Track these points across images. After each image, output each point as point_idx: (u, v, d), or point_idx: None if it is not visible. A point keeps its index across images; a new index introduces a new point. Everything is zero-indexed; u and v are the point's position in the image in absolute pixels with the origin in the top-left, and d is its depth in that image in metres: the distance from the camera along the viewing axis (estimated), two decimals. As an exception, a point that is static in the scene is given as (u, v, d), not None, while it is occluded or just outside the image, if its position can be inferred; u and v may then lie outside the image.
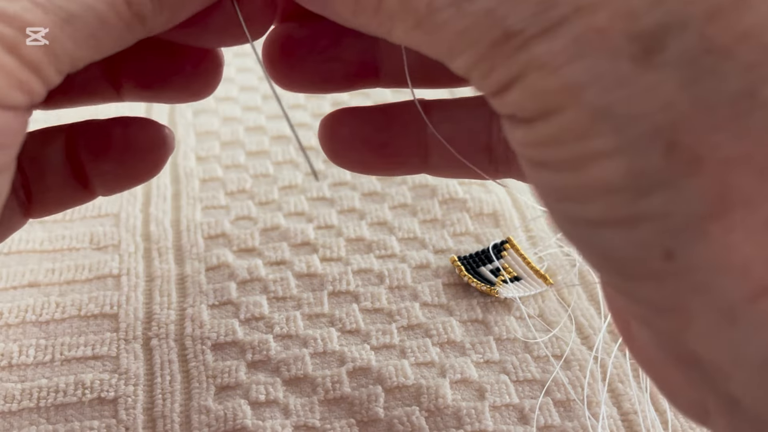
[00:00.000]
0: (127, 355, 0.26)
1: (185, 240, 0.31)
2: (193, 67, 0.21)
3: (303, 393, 0.25)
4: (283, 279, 0.29)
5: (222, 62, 0.21)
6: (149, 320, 0.28)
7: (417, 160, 0.22)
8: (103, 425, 0.24)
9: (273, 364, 0.26)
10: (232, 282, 0.29)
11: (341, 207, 0.33)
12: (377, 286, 0.29)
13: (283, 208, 0.33)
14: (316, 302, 0.29)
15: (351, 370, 0.26)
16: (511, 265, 0.30)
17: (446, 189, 0.34)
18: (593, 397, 0.25)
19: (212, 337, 0.27)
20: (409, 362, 0.26)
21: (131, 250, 0.31)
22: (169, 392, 0.25)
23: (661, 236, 0.13)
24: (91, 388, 0.25)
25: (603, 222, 0.14)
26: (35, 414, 0.24)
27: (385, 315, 0.28)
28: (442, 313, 0.28)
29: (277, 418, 0.24)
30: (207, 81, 0.21)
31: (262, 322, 0.28)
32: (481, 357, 0.26)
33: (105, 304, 0.28)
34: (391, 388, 0.25)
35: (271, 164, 0.35)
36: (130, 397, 0.25)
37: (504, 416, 0.25)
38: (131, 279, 0.29)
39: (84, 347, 0.26)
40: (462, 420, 0.24)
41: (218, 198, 0.33)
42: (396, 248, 0.31)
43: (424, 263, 0.30)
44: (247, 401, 0.25)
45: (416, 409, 0.24)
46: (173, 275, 0.30)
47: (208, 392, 0.25)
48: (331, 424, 0.24)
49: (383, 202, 0.33)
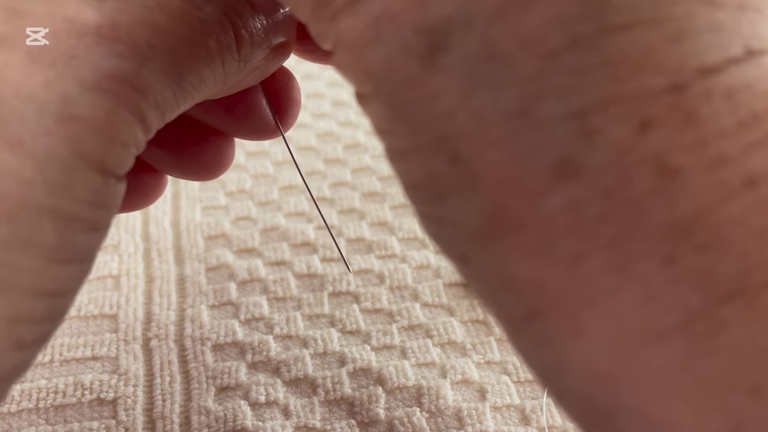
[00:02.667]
0: (127, 355, 0.26)
1: (185, 240, 0.31)
2: (204, 145, 0.21)
3: (303, 394, 0.25)
4: (283, 279, 0.29)
5: (232, 151, 0.22)
6: (149, 321, 0.28)
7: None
8: (103, 426, 0.24)
9: (273, 364, 0.26)
10: (232, 282, 0.29)
11: (341, 207, 0.33)
12: (378, 286, 0.29)
13: (283, 208, 0.33)
14: (316, 303, 0.28)
15: (351, 371, 0.26)
16: None
17: (447, 189, 0.34)
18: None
19: (212, 338, 0.27)
20: (410, 363, 0.26)
21: (131, 251, 0.30)
22: (168, 393, 0.25)
23: (457, 240, 0.13)
24: (90, 389, 0.25)
25: (420, 215, 0.14)
26: (34, 415, 0.24)
27: (386, 315, 0.28)
28: (443, 313, 0.28)
29: (277, 419, 0.24)
30: (215, 162, 0.22)
31: (262, 323, 0.28)
32: (482, 357, 0.26)
33: (104, 305, 0.28)
34: (392, 389, 0.25)
35: (271, 164, 0.35)
36: (130, 397, 0.25)
37: (505, 417, 0.24)
38: (131, 279, 0.29)
39: (83, 348, 0.26)
40: (463, 421, 0.24)
41: (218, 198, 0.33)
42: (396, 248, 0.31)
43: (425, 263, 0.30)
44: (247, 402, 0.25)
45: (417, 409, 0.24)
46: (173, 276, 0.29)
47: (208, 393, 0.25)
48: (331, 425, 0.24)
49: (383, 202, 0.33)
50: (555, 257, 0.12)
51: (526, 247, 0.12)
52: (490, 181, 0.12)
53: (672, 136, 0.11)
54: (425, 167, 0.13)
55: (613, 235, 0.11)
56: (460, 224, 0.12)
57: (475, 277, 0.13)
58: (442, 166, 0.12)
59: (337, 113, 0.39)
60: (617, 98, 0.11)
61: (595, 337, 0.12)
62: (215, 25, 0.16)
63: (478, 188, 0.12)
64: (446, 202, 0.13)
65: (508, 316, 0.13)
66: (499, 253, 0.12)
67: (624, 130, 0.11)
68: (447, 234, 0.13)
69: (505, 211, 0.12)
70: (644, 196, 0.11)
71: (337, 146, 0.36)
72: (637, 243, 0.11)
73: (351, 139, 0.37)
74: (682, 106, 0.11)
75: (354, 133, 0.37)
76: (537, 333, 0.12)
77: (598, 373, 0.12)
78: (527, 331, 0.13)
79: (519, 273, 0.12)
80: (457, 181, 0.12)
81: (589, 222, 0.11)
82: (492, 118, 0.11)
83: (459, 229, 0.13)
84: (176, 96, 0.16)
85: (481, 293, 0.14)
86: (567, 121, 0.11)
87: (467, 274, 0.14)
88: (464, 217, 0.12)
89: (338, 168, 0.35)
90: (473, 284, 0.14)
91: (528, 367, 0.14)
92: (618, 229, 0.11)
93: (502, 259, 0.12)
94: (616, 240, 0.11)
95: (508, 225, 0.12)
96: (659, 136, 0.11)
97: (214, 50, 0.16)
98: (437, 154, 0.12)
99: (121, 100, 0.14)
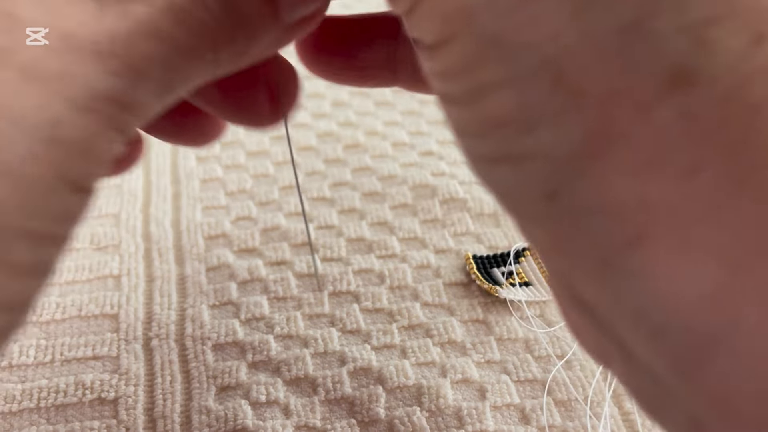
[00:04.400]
0: (128, 355, 0.26)
1: (185, 240, 0.31)
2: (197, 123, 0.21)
3: (304, 393, 0.25)
4: (283, 279, 0.29)
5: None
6: (149, 320, 0.28)
7: (387, 74, 0.22)
8: (104, 425, 0.24)
9: (274, 364, 0.26)
10: (233, 282, 0.29)
11: (341, 207, 0.33)
12: (378, 286, 0.29)
13: (283, 208, 0.33)
14: (316, 302, 0.28)
15: (352, 371, 0.26)
16: (525, 271, 0.30)
17: (447, 189, 0.34)
18: (595, 396, 0.25)
19: (213, 338, 0.27)
20: (410, 362, 0.26)
21: (131, 251, 0.31)
22: (169, 392, 0.25)
23: (544, 175, 0.13)
24: (91, 389, 0.25)
25: (496, 159, 0.13)
26: (35, 414, 0.24)
27: (386, 315, 0.28)
28: (443, 313, 0.28)
29: (277, 418, 0.24)
30: (208, 133, 0.22)
31: (262, 323, 0.28)
32: (482, 357, 0.26)
33: (105, 305, 0.28)
34: (392, 389, 0.25)
35: (271, 164, 0.35)
36: (131, 397, 0.25)
37: (505, 416, 0.25)
38: (131, 279, 0.29)
39: (84, 348, 0.26)
40: (463, 420, 0.24)
41: (218, 198, 0.33)
42: (396, 248, 0.31)
43: (425, 263, 0.30)
44: (247, 401, 0.25)
45: (417, 409, 0.24)
46: (173, 275, 0.30)
47: (209, 392, 0.25)
48: (331, 424, 0.24)
49: (383, 202, 0.33)
50: (666, 171, 0.11)
51: (634, 163, 0.12)
52: (597, 97, 0.12)
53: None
54: (519, 97, 0.12)
55: (731, 142, 0.11)
56: (552, 153, 0.12)
57: (562, 214, 0.13)
58: (541, 91, 0.12)
59: (337, 113, 0.39)
60: (731, 13, 0.11)
61: (708, 254, 0.11)
62: (226, 24, 0.16)
63: (581, 107, 0.12)
64: (536, 133, 0.12)
65: (604, 249, 0.12)
66: (602, 174, 0.12)
67: (740, 41, 0.11)
68: (527, 172, 0.13)
69: (611, 127, 0.12)
70: (764, 102, 0.11)
71: (337, 146, 0.36)
72: (756, 150, 0.11)
73: (351, 139, 0.37)
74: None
75: (354, 133, 0.37)
76: (639, 260, 0.12)
77: (709, 294, 0.11)
78: (628, 260, 0.12)
79: (623, 194, 0.12)
80: (557, 103, 0.12)
81: (706, 130, 0.11)
82: (603, 33, 0.12)
83: (548, 161, 0.12)
84: (166, 102, 0.15)
85: (566, 233, 0.13)
86: (682, 32, 0.11)
87: (551, 214, 0.13)
88: (559, 144, 0.12)
89: (338, 168, 0.35)
90: (553, 223, 0.13)
91: (616, 311, 0.13)
92: (736, 136, 0.11)
93: (603, 181, 0.12)
94: (734, 148, 0.11)
95: (615, 141, 0.12)
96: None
97: (220, 58, 0.16)
98: (537, 79, 0.12)
99: (109, 121, 0.14)
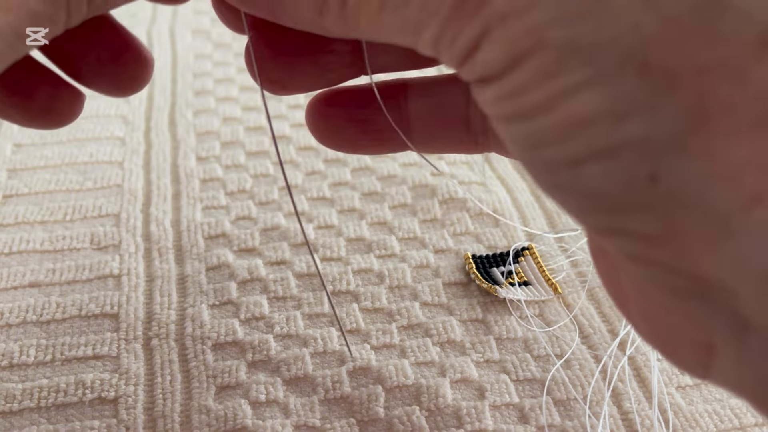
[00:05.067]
0: (128, 355, 0.26)
1: (185, 240, 0.31)
2: (113, 57, 0.21)
3: (303, 393, 0.25)
4: (283, 279, 0.29)
5: (149, 61, 0.21)
6: (150, 320, 0.28)
7: (400, 137, 0.22)
8: (104, 425, 0.24)
9: (273, 363, 0.26)
10: (233, 282, 0.29)
11: (341, 207, 0.33)
12: (377, 285, 0.29)
13: (283, 208, 0.33)
14: (316, 302, 0.29)
15: (351, 370, 0.26)
16: (524, 271, 0.30)
17: (446, 189, 0.34)
18: (594, 396, 0.25)
19: (212, 337, 0.27)
20: (409, 362, 0.26)
21: (132, 251, 0.31)
22: (169, 392, 0.25)
23: (643, 160, 0.13)
24: (91, 388, 0.25)
25: (584, 158, 0.13)
26: (36, 414, 0.24)
27: (385, 315, 0.28)
28: (442, 312, 0.28)
29: (277, 417, 0.24)
30: (132, 75, 0.21)
31: (262, 322, 0.28)
32: (481, 356, 0.26)
33: (105, 304, 0.28)
34: (391, 388, 0.25)
35: (271, 164, 0.35)
36: (131, 396, 0.25)
37: (504, 415, 0.25)
38: (132, 279, 0.29)
39: (84, 347, 0.27)
40: (462, 419, 0.24)
41: (218, 198, 0.33)
42: (396, 248, 0.31)
43: (424, 263, 0.30)
44: (247, 401, 0.25)
45: (416, 408, 0.24)
46: (173, 275, 0.30)
47: (209, 392, 0.25)
48: (331, 423, 0.24)
49: (383, 202, 0.33)
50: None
51: (740, 127, 0.12)
52: (690, 75, 0.12)
53: None
54: (605, 92, 0.13)
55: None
56: (650, 138, 0.13)
57: (669, 193, 0.13)
58: (628, 82, 0.13)
59: (337, 113, 0.39)
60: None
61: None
62: None
63: (675, 88, 0.12)
64: (629, 123, 0.13)
65: (720, 216, 0.13)
66: (707, 145, 0.12)
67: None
68: (624, 162, 0.13)
69: (710, 99, 0.12)
70: None
71: (337, 146, 0.36)
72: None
73: (351, 139, 0.37)
74: None
75: (354, 133, 0.37)
76: (760, 220, 0.12)
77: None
78: (748, 222, 0.12)
79: (733, 159, 0.12)
80: (646, 91, 0.12)
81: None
82: (682, 15, 0.12)
83: (646, 145, 0.13)
84: None
85: (675, 211, 0.13)
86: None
87: (657, 195, 0.13)
88: (656, 127, 0.13)
89: (338, 168, 0.35)
90: (658, 205, 0.13)
91: (740, 279, 0.13)
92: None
93: (709, 151, 0.12)
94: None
95: (717, 110, 0.12)
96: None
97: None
98: (622, 72, 0.13)
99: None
